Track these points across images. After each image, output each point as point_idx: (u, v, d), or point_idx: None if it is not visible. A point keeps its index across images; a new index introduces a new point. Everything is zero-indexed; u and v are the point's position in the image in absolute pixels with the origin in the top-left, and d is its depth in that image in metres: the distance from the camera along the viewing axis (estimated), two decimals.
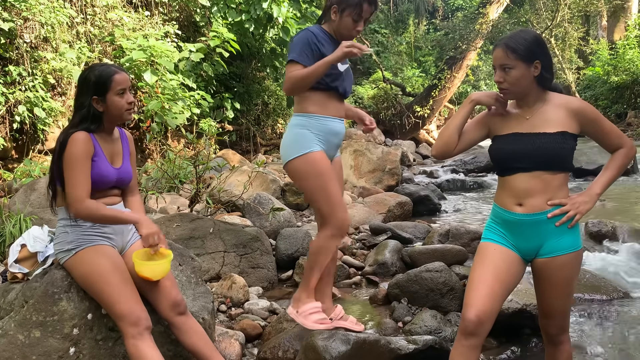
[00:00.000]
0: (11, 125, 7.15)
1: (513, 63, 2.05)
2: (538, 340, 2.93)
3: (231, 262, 4.00)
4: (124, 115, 2.38)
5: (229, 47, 9.16)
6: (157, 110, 7.60)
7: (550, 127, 2.05)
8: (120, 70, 2.37)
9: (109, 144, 2.41)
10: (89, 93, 2.33)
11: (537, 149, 2.03)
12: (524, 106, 2.12)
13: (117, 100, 2.34)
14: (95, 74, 2.34)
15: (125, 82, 2.36)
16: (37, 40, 7.47)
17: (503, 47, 2.06)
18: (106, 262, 2.26)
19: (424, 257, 3.92)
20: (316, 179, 2.73)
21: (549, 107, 2.09)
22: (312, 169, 2.73)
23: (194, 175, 5.59)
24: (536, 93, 2.10)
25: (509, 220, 2.10)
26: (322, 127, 2.75)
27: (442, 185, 8.68)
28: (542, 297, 2.15)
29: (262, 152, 12.03)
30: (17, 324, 2.24)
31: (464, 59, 15.63)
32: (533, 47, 2.05)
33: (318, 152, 2.73)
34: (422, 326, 3.06)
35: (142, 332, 2.21)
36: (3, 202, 4.37)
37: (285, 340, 2.82)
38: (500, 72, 2.08)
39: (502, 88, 2.11)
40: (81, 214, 2.26)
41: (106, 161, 2.36)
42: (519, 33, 2.12)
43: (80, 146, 2.25)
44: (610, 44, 17.65)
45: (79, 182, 2.24)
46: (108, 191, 2.39)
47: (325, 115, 2.76)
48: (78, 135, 2.27)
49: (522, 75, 2.05)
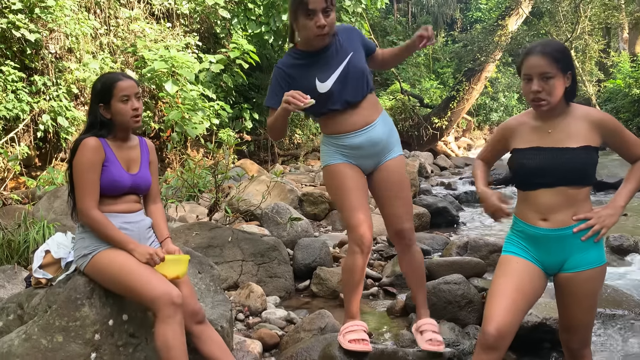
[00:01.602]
0: (35, 133, 7.30)
1: (554, 72, 1.97)
2: (558, 355, 2.89)
3: (249, 271, 4.02)
4: (130, 122, 2.37)
5: (249, 59, 9.25)
6: (178, 120, 7.70)
7: (573, 141, 2.01)
8: (125, 78, 2.38)
9: (124, 151, 2.43)
10: (96, 101, 2.37)
11: (562, 165, 1.99)
12: (547, 119, 2.07)
13: (121, 107, 2.34)
14: (101, 82, 2.39)
15: (129, 88, 2.35)
16: (61, 51, 7.64)
17: (543, 55, 1.97)
18: (126, 257, 2.28)
19: (442, 269, 3.89)
20: (335, 191, 2.68)
21: (571, 120, 2.04)
22: (331, 182, 2.69)
23: (213, 184, 5.65)
24: (561, 105, 2.05)
25: (533, 235, 2.07)
26: (341, 144, 2.64)
27: (460, 197, 8.62)
28: (564, 311, 2.13)
29: (279, 162, 12.09)
30: (41, 328, 2.28)
31: (483, 70, 15.57)
32: (567, 57, 2.01)
33: (336, 164, 2.64)
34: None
35: (176, 312, 2.21)
36: (27, 209, 4.45)
37: (302, 350, 2.82)
38: (540, 82, 1.98)
39: (539, 98, 2.00)
40: (87, 224, 2.30)
41: (119, 166, 2.37)
42: (549, 42, 2.06)
43: (89, 152, 2.28)
44: (631, 57, 17.44)
45: (86, 191, 2.27)
46: (124, 197, 2.39)
47: (339, 134, 2.62)
48: (88, 141, 2.30)
49: (560, 85, 1.99)
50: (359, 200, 2.61)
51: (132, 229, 2.39)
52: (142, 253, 2.28)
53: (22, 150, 7.05)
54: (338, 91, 2.55)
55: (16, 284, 3.44)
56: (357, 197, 2.61)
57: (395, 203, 2.65)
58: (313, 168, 11.85)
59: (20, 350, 2.24)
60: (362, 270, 2.66)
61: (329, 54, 2.57)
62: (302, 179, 9.39)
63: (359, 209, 2.60)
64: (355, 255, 2.62)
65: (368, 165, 2.68)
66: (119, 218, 2.36)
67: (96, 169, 2.29)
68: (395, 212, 2.66)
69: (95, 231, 2.30)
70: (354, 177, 2.64)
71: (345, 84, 2.55)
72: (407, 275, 2.81)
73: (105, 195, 2.34)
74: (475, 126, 21.91)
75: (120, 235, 2.31)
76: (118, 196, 2.38)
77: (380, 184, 2.67)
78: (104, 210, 2.32)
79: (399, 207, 2.65)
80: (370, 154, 2.64)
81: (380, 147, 2.64)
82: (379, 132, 2.63)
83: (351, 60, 2.57)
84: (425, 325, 2.67)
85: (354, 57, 2.58)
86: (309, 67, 2.56)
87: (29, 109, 6.97)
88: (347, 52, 2.58)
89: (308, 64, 2.57)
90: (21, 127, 7.13)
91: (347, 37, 2.62)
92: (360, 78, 2.58)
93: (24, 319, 2.49)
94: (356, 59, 2.59)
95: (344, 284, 2.75)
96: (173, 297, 2.22)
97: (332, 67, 2.55)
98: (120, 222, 2.35)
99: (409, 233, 2.67)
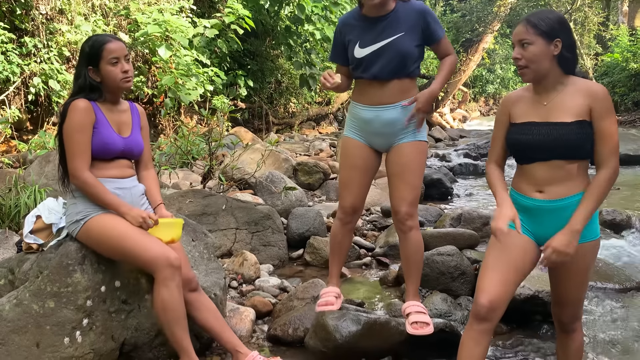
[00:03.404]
0: (26, 96, 7.18)
1: (532, 38, 1.94)
2: (549, 327, 2.92)
3: (243, 239, 4.02)
4: (120, 84, 2.33)
5: (244, 24, 9.09)
6: (171, 86, 7.59)
7: (567, 115, 1.96)
8: (113, 39, 2.33)
9: (115, 114, 2.38)
10: (84, 63, 2.32)
11: (555, 140, 1.95)
12: (542, 91, 2.03)
13: (110, 70, 2.30)
14: (89, 44, 2.33)
15: (118, 50, 2.31)
16: (52, 12, 7.46)
17: (525, 23, 1.97)
18: (119, 221, 2.26)
19: (436, 241, 3.90)
20: (340, 162, 2.86)
21: (568, 93, 1.98)
22: (340, 153, 2.87)
23: (207, 151, 5.60)
24: (555, 76, 1.99)
25: (527, 206, 2.05)
26: (354, 114, 2.73)
27: (454, 169, 8.62)
28: (556, 285, 2.13)
29: (274, 130, 12.01)
30: (32, 294, 2.26)
31: (481, 41, 15.44)
32: (554, 24, 1.95)
33: (345, 138, 2.78)
34: (433, 309, 3.05)
35: (174, 274, 2.21)
36: (18, 173, 4.39)
37: (295, 317, 2.83)
38: (519, 48, 1.98)
39: (519, 65, 2.00)
40: (78, 186, 2.26)
41: (111, 129, 2.33)
42: (542, 11, 2.04)
43: (79, 114, 2.24)
44: (630, 30, 17.29)
45: (77, 152, 2.23)
46: (116, 162, 2.36)
47: (358, 103, 2.71)
48: (77, 102, 2.26)
49: (540, 52, 1.95)
50: (353, 176, 2.73)
51: (124, 195, 2.36)
52: (135, 216, 2.26)
53: (12, 113, 6.94)
54: (370, 62, 2.58)
55: (7, 249, 3.42)
56: (352, 173, 2.73)
57: (398, 185, 2.66)
58: (308, 137, 11.80)
59: (11, 315, 2.23)
60: (341, 235, 2.82)
61: (383, 25, 2.57)
62: (296, 149, 9.34)
63: (348, 185, 2.75)
64: (336, 221, 2.84)
65: (380, 144, 2.71)
66: (112, 183, 2.33)
67: (87, 130, 2.25)
68: (395, 193, 2.69)
69: (86, 194, 2.27)
70: (359, 155, 2.72)
71: (379, 58, 2.56)
72: (402, 259, 2.81)
73: (97, 158, 2.30)
74: (471, 98, 21.83)
75: (113, 197, 2.28)
76: (110, 160, 2.34)
77: (389, 163, 2.72)
78: (97, 175, 2.28)
79: (401, 190, 2.65)
80: (380, 132, 2.66)
81: (393, 130, 2.63)
82: (393, 115, 2.61)
83: (396, 41, 2.55)
84: (409, 307, 2.67)
85: (402, 38, 2.55)
86: (359, 29, 2.62)
87: (19, 71, 6.84)
88: (398, 31, 2.55)
89: (360, 27, 2.62)
90: (12, 89, 7.00)
91: (409, 16, 2.57)
92: (397, 60, 2.56)
93: (15, 284, 2.48)
94: (402, 41, 2.55)
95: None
96: (171, 259, 2.21)
97: (377, 38, 2.57)
98: (113, 187, 2.32)
99: (404, 217, 2.66)
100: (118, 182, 2.35)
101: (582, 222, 1.93)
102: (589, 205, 1.94)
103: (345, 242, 2.86)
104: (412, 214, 2.66)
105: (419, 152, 2.66)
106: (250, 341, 2.84)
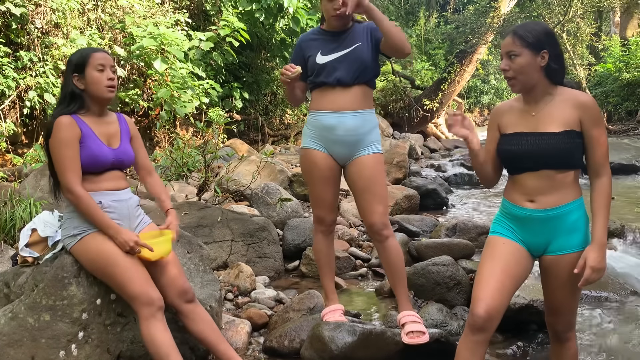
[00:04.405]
0: (22, 110, 7.18)
1: (519, 50, 1.99)
2: (544, 336, 2.93)
3: (238, 251, 4.02)
4: (104, 92, 2.33)
5: (239, 37, 9.13)
6: (167, 99, 7.60)
7: (555, 125, 1.99)
8: (101, 51, 2.38)
9: (102, 126, 2.39)
10: (70, 71, 2.35)
11: (544, 151, 1.98)
12: (531, 101, 2.06)
13: (96, 76, 2.31)
14: (76, 55, 2.37)
15: (105, 59, 2.34)
16: (48, 26, 7.48)
17: (511, 35, 2.02)
18: (113, 245, 2.25)
19: (431, 251, 3.91)
20: (304, 176, 2.93)
21: (555, 103, 2.02)
22: (303, 166, 2.91)
23: (202, 163, 5.60)
24: (543, 86, 2.03)
25: (519, 216, 2.07)
26: (314, 122, 2.80)
27: (449, 179, 8.65)
28: (549, 294, 2.14)
29: (269, 142, 12.03)
30: (27, 307, 2.26)
31: (474, 52, 15.50)
32: (541, 36, 2.00)
33: (306, 150, 2.83)
34: (428, 319, 3.06)
35: (155, 313, 2.22)
36: (13, 187, 4.39)
37: (291, 329, 2.84)
38: (507, 60, 2.03)
39: (507, 77, 2.05)
40: (72, 201, 2.26)
41: (99, 141, 2.33)
42: (529, 23, 2.08)
43: (63, 131, 2.24)
44: (622, 41, 17.45)
45: (66, 167, 2.24)
46: (108, 174, 2.36)
47: (318, 110, 2.78)
48: (61, 119, 2.27)
49: (527, 63, 1.99)
50: (321, 188, 2.83)
51: (121, 207, 2.36)
52: (122, 243, 2.24)
53: (8, 127, 6.94)
54: (333, 68, 2.73)
55: (2, 262, 3.41)
56: (319, 186, 2.82)
57: (366, 197, 2.75)
58: None
59: (6, 329, 2.22)
60: (326, 248, 2.93)
61: (344, 37, 2.78)
62: (292, 160, 9.35)
63: (324, 199, 2.84)
64: (317, 235, 2.92)
65: (341, 154, 2.77)
66: (108, 196, 2.33)
67: (72, 145, 2.25)
68: (364, 205, 2.76)
69: (78, 209, 2.26)
70: (326, 167, 2.80)
71: (342, 64, 2.73)
72: (385, 269, 2.91)
73: (89, 172, 2.30)
74: (465, 109, 21.89)
75: (103, 217, 2.26)
76: (101, 173, 2.34)
77: (352, 177, 2.80)
78: (91, 189, 2.28)
79: (369, 202, 2.74)
80: (342, 141, 2.74)
81: (355, 138, 2.74)
82: (356, 122, 2.74)
83: (357, 49, 2.74)
84: (404, 317, 2.71)
85: (361, 47, 2.75)
86: (320, 41, 2.81)
87: (14, 85, 6.85)
88: (357, 42, 2.75)
89: (321, 39, 2.81)
90: (7, 103, 7.00)
91: (363, 32, 2.79)
92: (358, 65, 2.73)
93: (10, 297, 2.47)
94: (361, 50, 2.75)
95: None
96: (152, 298, 2.22)
97: (338, 47, 2.76)
98: (109, 200, 2.32)
99: (378, 227, 2.74)
100: (114, 194, 2.36)
101: (604, 233, 1.99)
102: (604, 214, 1.99)
103: (331, 252, 2.98)
104: (386, 223, 2.76)
105: (379, 164, 2.79)
106: (247, 353, 2.84)
